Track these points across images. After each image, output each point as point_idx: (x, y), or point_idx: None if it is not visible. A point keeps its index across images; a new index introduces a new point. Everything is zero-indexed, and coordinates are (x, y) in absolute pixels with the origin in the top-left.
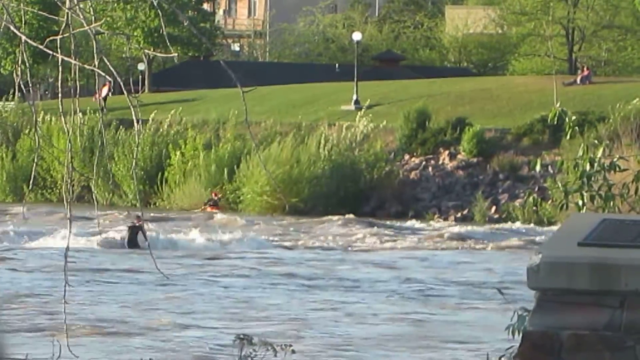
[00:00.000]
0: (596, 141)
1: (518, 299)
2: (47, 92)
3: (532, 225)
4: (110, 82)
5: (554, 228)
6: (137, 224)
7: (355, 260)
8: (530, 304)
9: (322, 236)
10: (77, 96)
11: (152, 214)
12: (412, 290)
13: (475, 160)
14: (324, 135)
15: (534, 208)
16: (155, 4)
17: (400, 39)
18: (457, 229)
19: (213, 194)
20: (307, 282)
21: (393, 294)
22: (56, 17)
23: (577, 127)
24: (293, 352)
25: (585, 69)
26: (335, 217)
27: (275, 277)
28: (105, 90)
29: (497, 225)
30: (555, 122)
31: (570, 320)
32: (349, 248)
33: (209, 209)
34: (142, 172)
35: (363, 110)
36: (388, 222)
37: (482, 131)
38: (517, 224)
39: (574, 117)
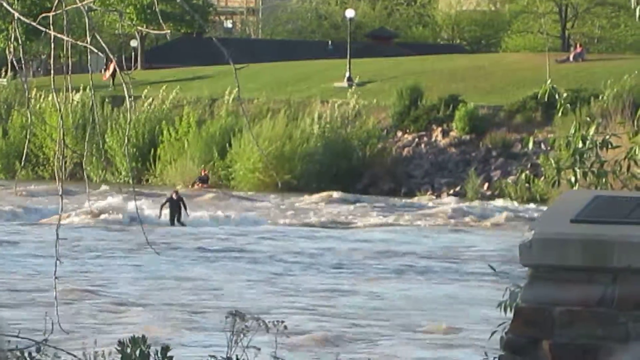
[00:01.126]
0: (588, 118)
1: (510, 276)
2: (39, 69)
3: (524, 202)
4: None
5: (547, 205)
6: (175, 198)
7: (347, 237)
8: (522, 281)
9: (314, 213)
10: (69, 73)
11: (145, 191)
12: (404, 266)
13: (467, 137)
14: (317, 112)
15: (527, 185)
16: None
17: (393, 16)
18: (450, 205)
19: (202, 171)
20: (298, 259)
21: (384, 271)
22: None
23: (569, 105)
24: (285, 328)
25: (578, 46)
26: (328, 194)
27: (266, 255)
28: (112, 68)
29: (489, 202)
30: (547, 99)
31: (562, 296)
32: (342, 225)
33: (197, 186)
34: (135, 149)
35: (354, 87)
36: (381, 199)
37: (474, 108)
38: (510, 201)
39: (565, 94)
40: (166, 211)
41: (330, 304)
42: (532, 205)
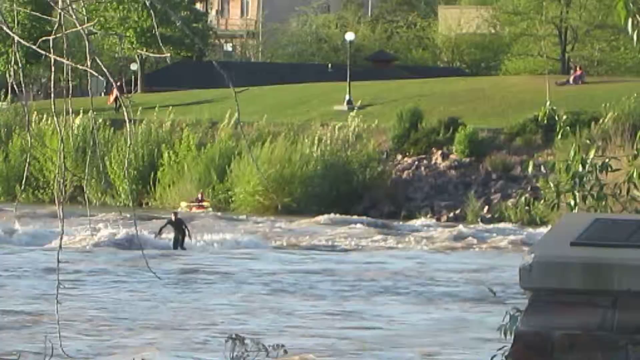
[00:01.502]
0: (588, 141)
1: (510, 299)
2: (39, 93)
3: (524, 225)
4: (118, 85)
5: (546, 228)
6: (174, 220)
7: (347, 260)
8: (523, 304)
9: (314, 236)
10: (70, 96)
11: (145, 214)
12: (403, 290)
13: (467, 160)
14: (317, 135)
15: (526, 208)
16: (147, 4)
17: (393, 39)
18: (450, 228)
19: (199, 194)
20: (299, 282)
21: (384, 294)
22: (49, 17)
23: (568, 127)
24: (285, 352)
25: (578, 68)
26: (328, 217)
27: (267, 277)
28: (115, 92)
29: (489, 225)
30: (546, 122)
31: (562, 320)
32: (341, 248)
33: (194, 209)
34: (135, 172)
35: (355, 110)
36: (381, 222)
37: (474, 131)
38: (510, 224)
39: (565, 117)
40: (170, 234)
41: (329, 327)
42: (532, 229)
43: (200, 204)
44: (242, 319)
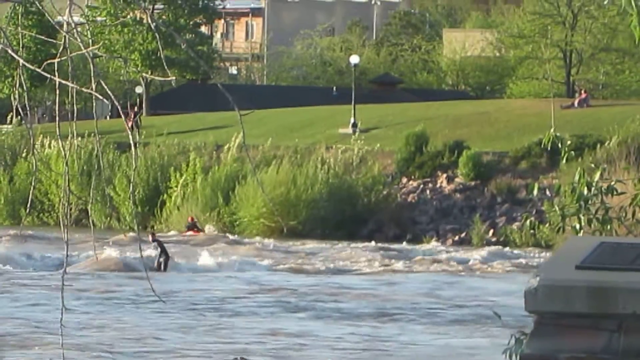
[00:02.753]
0: (593, 165)
1: (515, 322)
2: (44, 115)
3: (529, 248)
4: (134, 110)
5: (552, 251)
6: (153, 241)
7: (352, 284)
8: (528, 328)
9: (319, 259)
10: (75, 119)
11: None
12: (408, 313)
13: (472, 183)
14: (322, 158)
15: (532, 231)
16: (152, 27)
17: (398, 62)
18: (455, 252)
19: (189, 219)
20: (304, 306)
21: (389, 318)
22: (54, 40)
23: (573, 152)
24: None
25: (583, 92)
26: (333, 241)
27: (271, 301)
28: (132, 116)
29: (494, 249)
30: (549, 147)
31: (568, 343)
32: (346, 271)
33: (190, 233)
34: (140, 195)
35: (357, 133)
36: (386, 246)
37: (479, 154)
38: (515, 247)
39: (569, 142)
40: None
41: (334, 350)
42: (537, 252)
43: (194, 227)
44: (247, 341)
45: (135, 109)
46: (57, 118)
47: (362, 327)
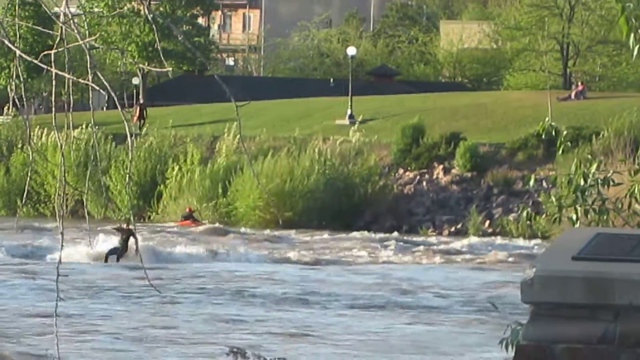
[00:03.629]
0: (590, 156)
1: (512, 313)
2: (41, 107)
3: (525, 239)
4: (141, 102)
5: (548, 242)
6: (124, 228)
7: (348, 275)
8: (524, 318)
9: (315, 251)
10: (71, 110)
11: (145, 228)
12: (405, 304)
13: (469, 174)
14: (318, 149)
15: (528, 222)
16: (149, 18)
17: (395, 54)
18: (451, 243)
19: (188, 208)
20: (301, 296)
21: (386, 308)
22: (50, 32)
23: (569, 142)
24: None
25: (579, 84)
26: (329, 231)
27: (268, 293)
28: (138, 110)
29: (491, 240)
30: (544, 136)
31: (564, 334)
32: (343, 263)
33: (187, 223)
34: (137, 187)
35: (356, 124)
36: (382, 237)
37: (475, 146)
38: (511, 238)
39: (565, 132)
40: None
41: (330, 339)
42: (533, 243)
43: (192, 217)
44: (243, 332)
45: (141, 100)
46: (53, 109)
47: (357, 317)
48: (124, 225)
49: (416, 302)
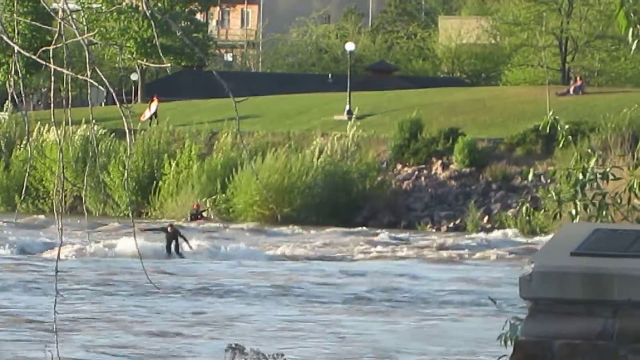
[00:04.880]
0: (589, 150)
1: (510, 309)
2: (40, 103)
3: (524, 234)
4: (158, 97)
5: (547, 238)
6: (170, 232)
7: (347, 271)
8: (523, 314)
9: (313, 246)
10: (69, 106)
11: (143, 224)
12: (403, 300)
13: (467, 170)
14: (317, 145)
15: (527, 218)
16: (148, 14)
17: (394, 50)
18: (450, 238)
19: (194, 205)
20: (299, 292)
21: (384, 304)
22: (49, 28)
23: (570, 137)
24: None
25: (578, 79)
26: (327, 227)
27: (266, 289)
28: (154, 106)
29: (489, 235)
30: (548, 131)
31: (562, 329)
32: (341, 258)
33: (194, 222)
34: (135, 183)
35: (353, 119)
36: (380, 232)
37: (474, 141)
38: (510, 234)
39: (566, 126)
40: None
41: (329, 337)
42: (532, 238)
43: (200, 214)
44: (242, 329)
45: (155, 97)
46: (52, 105)
47: (355, 313)
48: (169, 228)
49: (414, 298)
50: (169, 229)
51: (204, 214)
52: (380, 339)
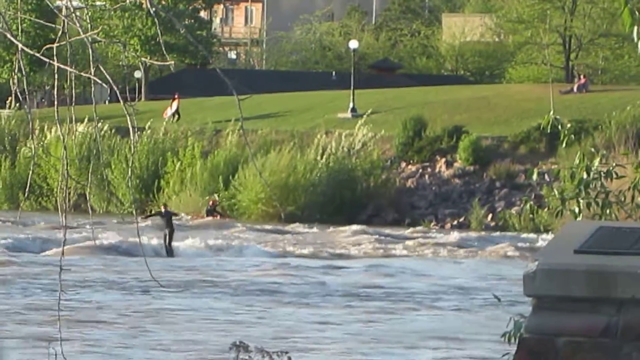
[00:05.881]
0: (593, 149)
1: (514, 306)
2: (43, 100)
3: (528, 232)
4: (178, 95)
5: (550, 235)
6: (164, 212)
7: (351, 268)
8: (527, 311)
9: (317, 244)
10: (73, 104)
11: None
12: (408, 297)
13: (471, 168)
14: (321, 143)
15: (531, 216)
16: (151, 12)
17: (397, 47)
18: (454, 236)
19: (211, 202)
20: (303, 290)
21: (389, 302)
22: (53, 25)
23: (572, 135)
24: (289, 359)
25: (582, 77)
26: (332, 225)
27: (271, 286)
28: (175, 104)
29: (493, 233)
30: (550, 130)
31: (566, 327)
32: (345, 256)
33: (211, 218)
34: (138, 180)
35: (363, 118)
36: (384, 230)
37: (478, 139)
38: (514, 232)
39: (569, 125)
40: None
41: (334, 335)
42: (536, 236)
43: (216, 210)
44: (246, 326)
45: (176, 96)
46: (56, 103)
47: (358, 311)
48: (163, 209)
49: (418, 295)
50: (162, 209)
51: (219, 210)
52: (384, 336)
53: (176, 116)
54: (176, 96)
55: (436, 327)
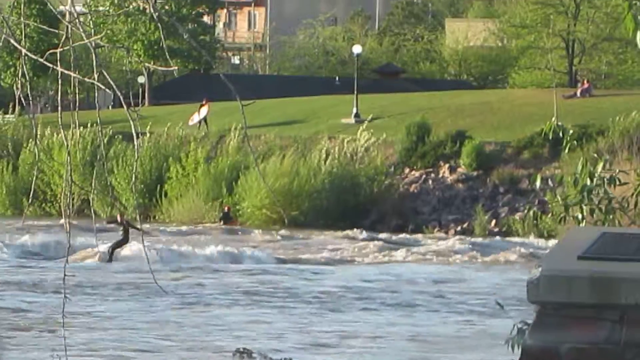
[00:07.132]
0: (596, 155)
1: (518, 313)
2: (47, 105)
3: (532, 238)
4: (208, 100)
5: (554, 241)
6: (121, 220)
7: (354, 274)
8: (530, 318)
9: (321, 250)
10: (77, 109)
11: (151, 227)
12: (411, 303)
13: (475, 173)
14: (324, 148)
15: (534, 221)
16: (155, 17)
17: (401, 52)
18: (457, 242)
19: (225, 208)
20: (307, 296)
21: (392, 308)
22: (56, 30)
23: (575, 141)
24: None
25: (585, 82)
26: (335, 231)
27: (275, 293)
28: (204, 111)
29: (497, 239)
30: (551, 136)
31: (570, 334)
32: (348, 262)
33: (227, 225)
34: (142, 186)
35: (365, 123)
36: (388, 236)
37: (481, 144)
38: (517, 238)
39: (571, 131)
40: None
41: (337, 341)
42: (539, 242)
43: (230, 217)
44: (249, 332)
45: (205, 101)
46: (59, 108)
47: (363, 317)
48: (118, 218)
49: (422, 302)
50: (119, 218)
51: (231, 216)
52: (387, 342)
53: (203, 124)
54: (205, 102)
55: (438, 332)
